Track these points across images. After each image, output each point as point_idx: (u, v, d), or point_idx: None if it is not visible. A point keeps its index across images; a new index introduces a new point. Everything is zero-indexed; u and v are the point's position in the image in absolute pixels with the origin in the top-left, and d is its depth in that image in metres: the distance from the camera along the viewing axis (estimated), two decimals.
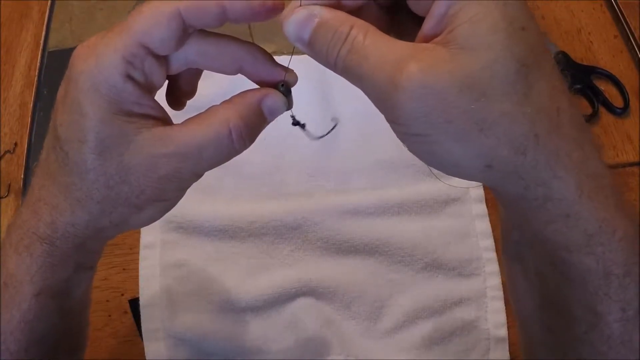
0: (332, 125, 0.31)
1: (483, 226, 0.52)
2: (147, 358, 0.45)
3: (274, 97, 0.27)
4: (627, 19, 0.63)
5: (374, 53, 0.23)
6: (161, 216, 0.28)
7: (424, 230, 0.51)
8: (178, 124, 0.26)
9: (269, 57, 0.27)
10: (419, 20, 0.24)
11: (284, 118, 0.31)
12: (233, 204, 0.51)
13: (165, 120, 0.26)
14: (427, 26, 0.23)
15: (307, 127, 0.30)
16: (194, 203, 0.50)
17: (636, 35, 0.62)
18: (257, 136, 0.27)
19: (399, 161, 0.53)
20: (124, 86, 0.24)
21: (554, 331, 0.28)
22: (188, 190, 0.43)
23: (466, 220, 0.52)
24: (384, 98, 0.23)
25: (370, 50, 0.23)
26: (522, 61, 0.22)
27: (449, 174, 0.25)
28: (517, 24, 0.22)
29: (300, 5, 0.24)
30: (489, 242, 0.51)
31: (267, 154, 0.53)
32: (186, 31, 0.25)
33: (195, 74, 0.29)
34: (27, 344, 0.28)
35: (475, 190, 0.53)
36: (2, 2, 0.61)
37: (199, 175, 0.27)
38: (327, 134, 0.31)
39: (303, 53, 0.26)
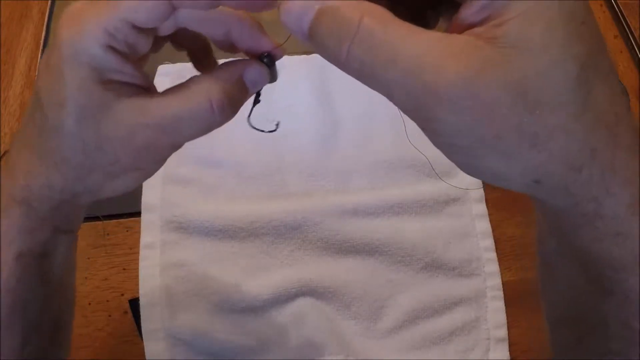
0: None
1: (483, 226, 0.52)
2: (147, 358, 0.45)
3: (257, 69, 0.25)
4: (627, 19, 0.63)
5: (401, 52, 0.19)
6: (136, 185, 0.28)
7: (424, 230, 0.51)
8: (159, 93, 0.25)
9: (258, 25, 0.26)
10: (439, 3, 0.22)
11: (284, 118, 0.31)
12: (233, 204, 0.51)
13: (149, 89, 0.26)
14: (467, 12, 0.20)
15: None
16: (194, 203, 0.50)
17: (636, 35, 0.62)
18: (240, 107, 0.26)
19: (399, 161, 0.53)
20: (104, 56, 0.23)
21: (586, 342, 0.26)
22: (189, 190, 0.43)
23: (466, 220, 0.52)
24: (419, 108, 0.20)
25: (396, 48, 0.19)
26: (582, 63, 0.19)
27: (489, 183, 0.23)
28: (577, 19, 0.19)
29: None
30: (489, 242, 0.51)
31: (267, 154, 0.53)
32: (174, 9, 0.24)
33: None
34: (11, 309, 0.28)
35: (475, 190, 0.53)
36: (2, 2, 0.61)
37: (176, 147, 0.26)
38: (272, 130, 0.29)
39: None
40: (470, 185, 0.53)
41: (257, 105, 0.28)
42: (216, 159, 0.52)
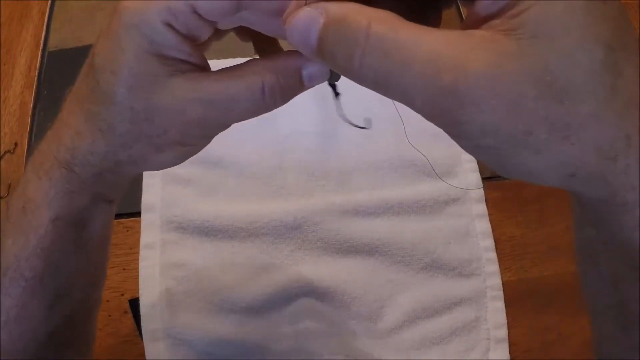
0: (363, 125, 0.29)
1: (483, 226, 0.52)
2: (147, 358, 0.45)
3: (317, 64, 0.25)
4: None
5: (415, 55, 0.18)
6: (181, 161, 0.28)
7: (424, 230, 0.51)
8: (213, 71, 0.25)
9: None
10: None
11: (284, 117, 0.31)
12: (233, 204, 0.51)
13: (204, 69, 0.26)
14: (481, 5, 0.19)
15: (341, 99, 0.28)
16: (194, 203, 0.50)
17: (636, 35, 0.62)
18: (291, 98, 0.26)
19: (399, 161, 0.53)
20: (163, 32, 0.23)
21: (631, 331, 0.26)
22: (189, 190, 0.43)
23: (466, 220, 0.52)
24: (441, 113, 0.19)
25: (409, 51, 0.18)
26: (609, 44, 0.18)
27: (522, 180, 0.22)
28: None
29: (307, 4, 0.20)
30: (489, 242, 0.51)
31: (268, 154, 0.53)
32: (239, 9, 0.23)
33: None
34: (42, 271, 0.28)
35: (475, 190, 0.53)
36: (2, 2, 0.61)
37: (224, 126, 0.26)
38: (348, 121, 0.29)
39: None
40: (470, 185, 0.53)
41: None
42: (216, 159, 0.52)
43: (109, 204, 0.30)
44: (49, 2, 0.61)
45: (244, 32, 0.28)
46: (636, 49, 0.19)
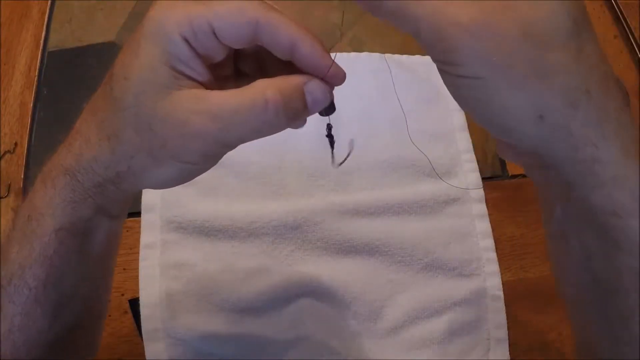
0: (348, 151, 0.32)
1: (483, 226, 0.52)
2: (147, 358, 0.45)
3: (319, 83, 0.26)
4: (627, 19, 0.63)
5: None
6: (182, 180, 0.28)
7: (424, 230, 0.51)
8: (219, 90, 0.26)
9: (323, 50, 0.27)
10: None
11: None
12: (233, 204, 0.51)
13: (211, 88, 0.26)
14: None
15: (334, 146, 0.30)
16: (194, 203, 0.50)
17: (636, 35, 0.62)
18: (295, 119, 0.27)
19: (399, 161, 0.53)
20: (180, 46, 0.24)
21: (606, 314, 0.27)
22: (189, 190, 0.43)
23: (466, 220, 0.52)
24: (443, 39, 0.23)
25: None
26: (575, 19, 0.23)
27: (494, 130, 0.25)
28: None
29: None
30: (489, 242, 0.51)
31: (268, 154, 0.53)
32: (257, 37, 0.25)
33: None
34: (45, 279, 0.28)
35: (475, 190, 0.53)
36: (2, 2, 0.61)
37: (227, 145, 0.26)
38: (343, 161, 0.32)
39: None
40: (470, 185, 0.53)
41: None
42: None
43: (112, 220, 0.30)
44: (49, 2, 0.61)
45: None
46: (593, 35, 0.24)
